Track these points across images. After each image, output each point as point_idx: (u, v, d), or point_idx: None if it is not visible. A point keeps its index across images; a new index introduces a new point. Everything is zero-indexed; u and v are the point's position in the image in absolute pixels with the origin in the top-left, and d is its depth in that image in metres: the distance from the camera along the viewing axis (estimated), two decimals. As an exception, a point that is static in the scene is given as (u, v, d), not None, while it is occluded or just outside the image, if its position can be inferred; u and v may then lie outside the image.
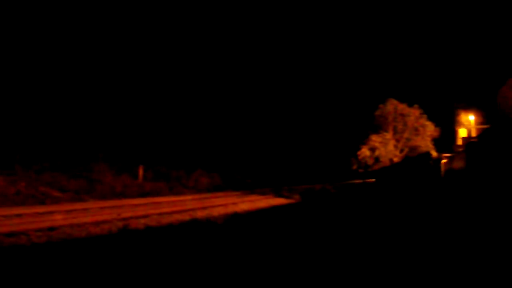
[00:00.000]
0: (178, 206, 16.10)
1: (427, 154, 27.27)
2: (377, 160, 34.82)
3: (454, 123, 40.98)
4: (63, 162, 22.26)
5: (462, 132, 40.17)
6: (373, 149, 34.97)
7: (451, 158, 24.32)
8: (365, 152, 35.07)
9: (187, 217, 13.14)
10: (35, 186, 18.01)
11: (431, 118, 36.40)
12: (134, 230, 10.00)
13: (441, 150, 32.37)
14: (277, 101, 54.80)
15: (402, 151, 36.18)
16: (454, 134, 40.77)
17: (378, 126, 36.48)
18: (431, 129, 36.23)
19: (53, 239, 8.91)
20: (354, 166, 36.09)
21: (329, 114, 55.81)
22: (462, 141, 35.25)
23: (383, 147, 34.94)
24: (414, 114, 35.90)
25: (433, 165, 24.13)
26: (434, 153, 29.78)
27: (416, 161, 26.53)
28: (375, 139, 35.12)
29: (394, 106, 36.09)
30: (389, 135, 35.82)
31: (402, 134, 36.25)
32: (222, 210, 15.43)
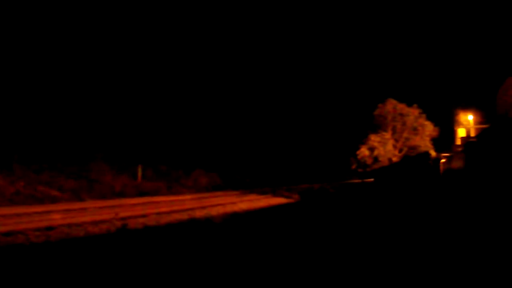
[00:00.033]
0: (177, 206, 16.09)
1: (426, 154, 27.24)
2: (376, 159, 34.77)
3: (453, 123, 41.06)
4: (62, 162, 22.24)
5: (461, 132, 40.22)
6: (372, 148, 34.93)
7: (450, 158, 24.37)
8: (364, 151, 35.03)
9: (186, 216, 13.14)
10: (34, 186, 18.00)
11: (430, 117, 36.33)
12: (133, 229, 9.98)
13: (440, 150, 32.32)
14: (276, 101, 54.89)
15: (401, 151, 36.14)
16: (453, 133, 40.83)
17: (377, 126, 36.42)
18: (430, 128, 36.16)
19: (51, 239, 8.90)
20: (353, 166, 36.07)
21: (328, 114, 55.94)
22: (461, 140, 35.30)
23: (382, 147, 34.89)
24: (413, 113, 35.82)
25: (432, 164, 24.10)
26: (433, 152, 29.71)
27: (415, 160, 26.52)
28: (374, 139, 35.07)
29: (393, 105, 36.02)
30: (388, 135, 35.78)
31: (401, 134, 36.20)
32: (221, 210, 15.44)
